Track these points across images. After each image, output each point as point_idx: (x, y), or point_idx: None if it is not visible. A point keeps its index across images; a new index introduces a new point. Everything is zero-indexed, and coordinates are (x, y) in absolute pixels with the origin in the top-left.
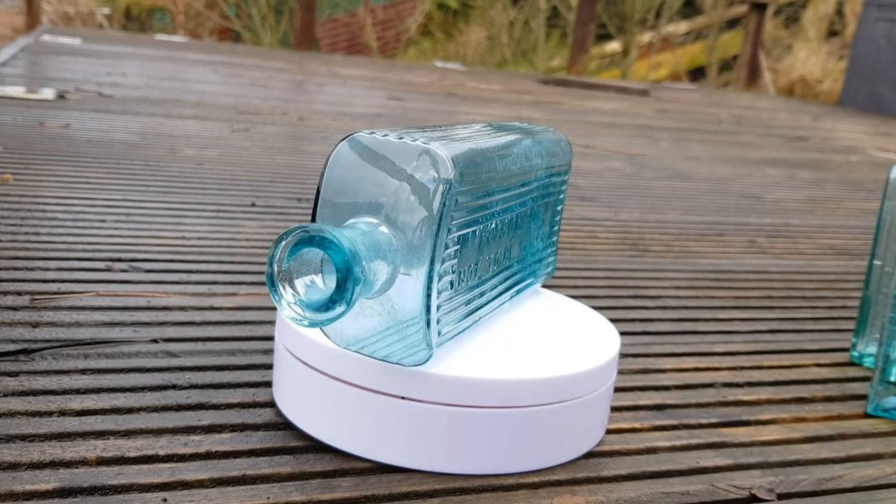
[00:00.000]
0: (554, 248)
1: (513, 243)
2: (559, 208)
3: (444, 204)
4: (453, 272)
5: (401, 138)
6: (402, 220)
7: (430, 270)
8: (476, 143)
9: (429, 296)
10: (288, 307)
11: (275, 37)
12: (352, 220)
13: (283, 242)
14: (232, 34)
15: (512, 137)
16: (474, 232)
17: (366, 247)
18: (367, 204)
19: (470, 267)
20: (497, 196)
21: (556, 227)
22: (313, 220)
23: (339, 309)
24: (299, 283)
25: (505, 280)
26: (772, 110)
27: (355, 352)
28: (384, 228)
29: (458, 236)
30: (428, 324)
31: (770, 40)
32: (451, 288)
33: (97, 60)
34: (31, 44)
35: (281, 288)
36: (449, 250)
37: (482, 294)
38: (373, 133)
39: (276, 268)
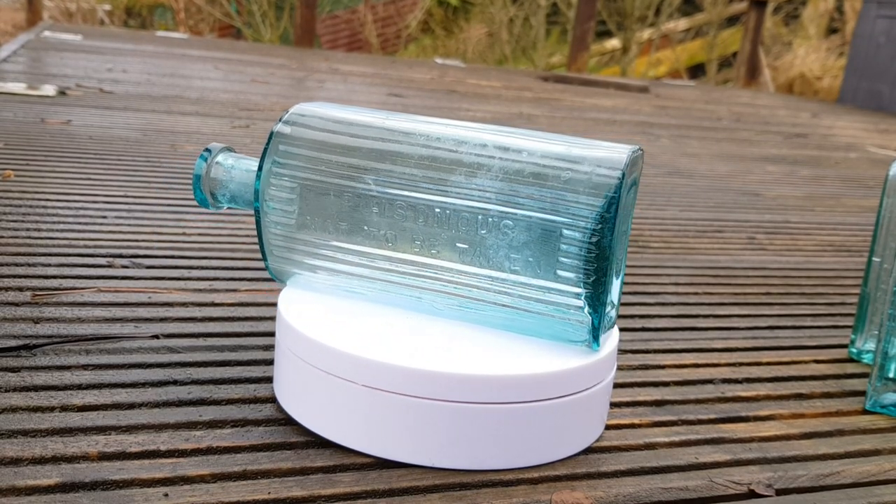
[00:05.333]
0: (571, 295)
1: (445, 242)
2: (573, 244)
3: (266, 148)
4: (297, 216)
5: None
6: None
7: (256, 200)
8: (369, 119)
9: (258, 222)
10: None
11: (275, 33)
12: None
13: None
14: (232, 31)
15: (450, 131)
16: (335, 192)
17: (230, 168)
18: None
19: (324, 222)
20: (378, 171)
21: (565, 269)
22: None
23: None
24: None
25: (424, 273)
26: (771, 107)
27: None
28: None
29: (300, 185)
30: (262, 245)
31: (770, 37)
32: (287, 226)
33: (98, 57)
34: (32, 40)
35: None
36: (278, 191)
37: (361, 263)
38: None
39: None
